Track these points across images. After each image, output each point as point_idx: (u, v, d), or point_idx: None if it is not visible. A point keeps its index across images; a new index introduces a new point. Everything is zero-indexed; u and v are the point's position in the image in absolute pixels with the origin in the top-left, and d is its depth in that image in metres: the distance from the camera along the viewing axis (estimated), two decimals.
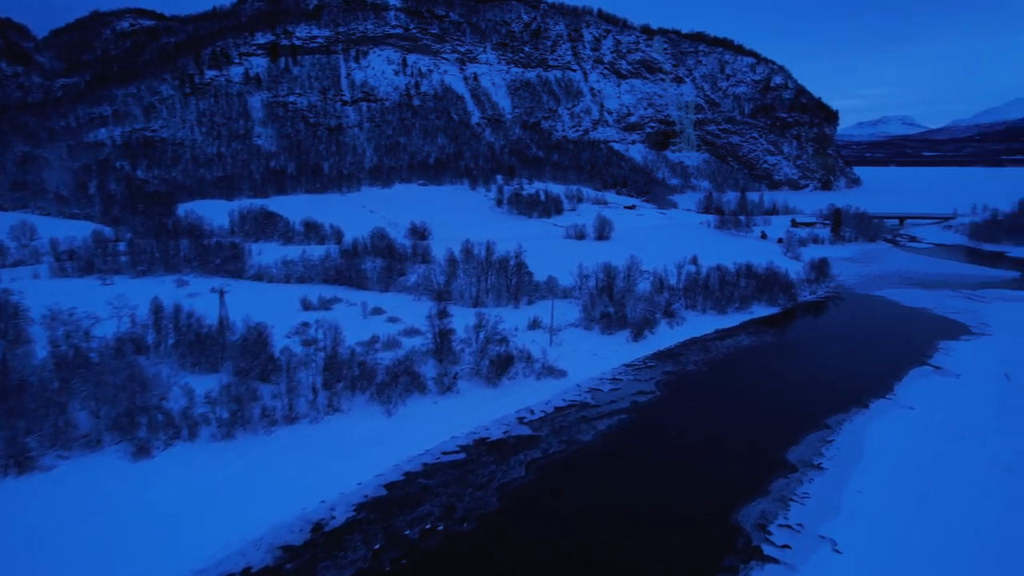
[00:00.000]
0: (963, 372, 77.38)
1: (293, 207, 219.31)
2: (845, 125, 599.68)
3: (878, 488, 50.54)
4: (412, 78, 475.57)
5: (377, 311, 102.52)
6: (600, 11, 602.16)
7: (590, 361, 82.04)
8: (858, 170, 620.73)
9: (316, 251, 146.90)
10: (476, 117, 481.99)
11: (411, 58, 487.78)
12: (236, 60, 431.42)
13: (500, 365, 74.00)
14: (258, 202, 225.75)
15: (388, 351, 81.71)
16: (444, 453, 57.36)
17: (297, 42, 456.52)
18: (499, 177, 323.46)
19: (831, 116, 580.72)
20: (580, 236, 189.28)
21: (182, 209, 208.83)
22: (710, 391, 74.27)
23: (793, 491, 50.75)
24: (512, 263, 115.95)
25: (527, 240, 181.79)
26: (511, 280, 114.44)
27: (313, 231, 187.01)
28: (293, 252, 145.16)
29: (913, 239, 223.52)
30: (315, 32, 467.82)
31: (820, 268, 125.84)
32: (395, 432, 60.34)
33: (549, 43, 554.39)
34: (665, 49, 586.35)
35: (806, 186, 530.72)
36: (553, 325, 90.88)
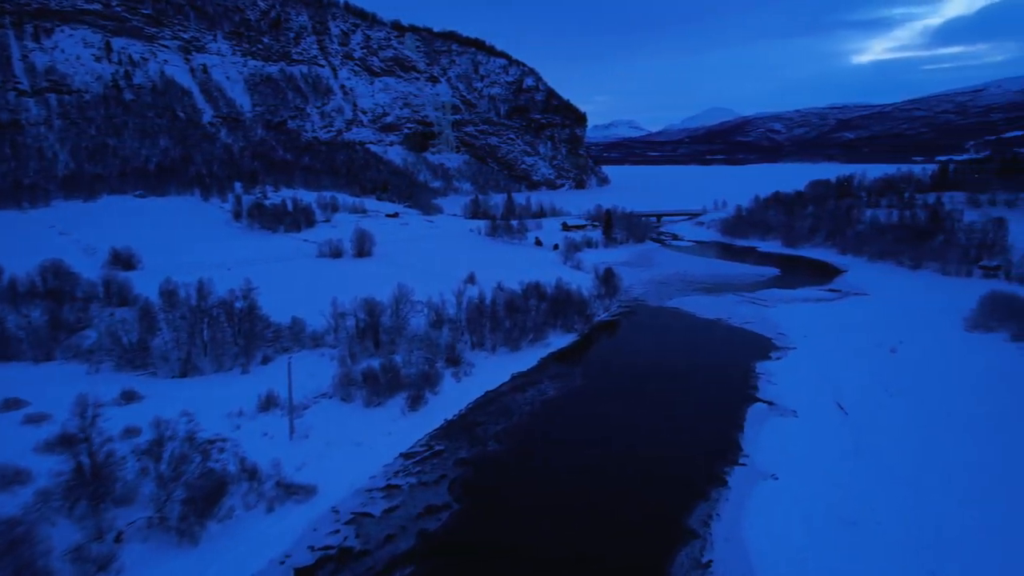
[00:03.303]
0: (797, 406, 66.62)
1: None
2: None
3: None
4: (121, 67, 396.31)
5: (12, 404, 65.19)
6: (347, 4, 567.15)
7: (352, 457, 56.30)
8: (603, 169, 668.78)
9: None
10: (209, 115, 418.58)
11: (117, 42, 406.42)
12: None
13: (203, 501, 44.99)
14: None
15: (2, 494, 47.75)
16: None
17: None
18: (238, 185, 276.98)
19: (580, 118, 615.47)
20: (336, 254, 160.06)
21: None
22: (524, 487, 53.16)
23: None
24: (240, 305, 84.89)
25: (271, 262, 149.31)
26: (239, 329, 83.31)
27: None
28: None
29: (675, 237, 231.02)
30: None
31: (609, 281, 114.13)
32: None
33: (292, 35, 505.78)
34: (418, 47, 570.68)
35: (562, 185, 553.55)
36: (294, 402, 63.00)
